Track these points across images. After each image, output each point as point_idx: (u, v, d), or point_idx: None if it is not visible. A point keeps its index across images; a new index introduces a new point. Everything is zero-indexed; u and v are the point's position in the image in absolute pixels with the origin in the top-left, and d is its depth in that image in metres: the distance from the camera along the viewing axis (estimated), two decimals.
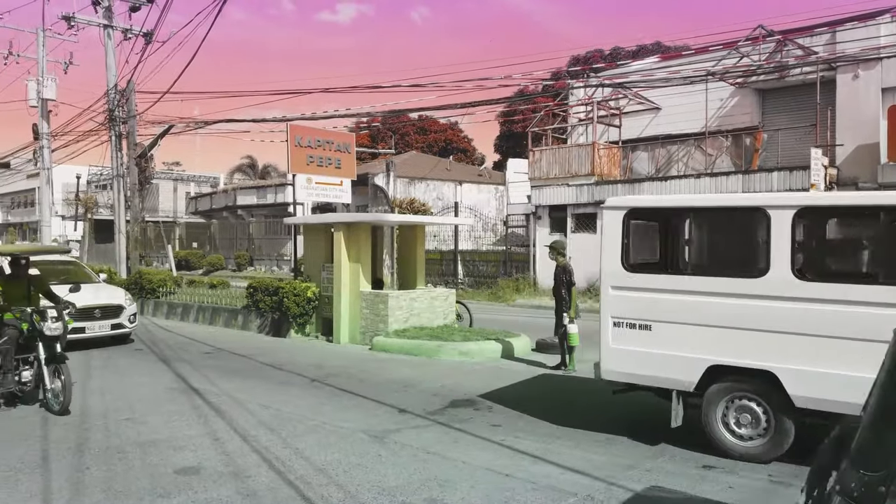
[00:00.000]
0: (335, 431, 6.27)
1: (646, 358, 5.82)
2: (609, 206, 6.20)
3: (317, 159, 13.85)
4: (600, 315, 6.10)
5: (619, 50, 40.08)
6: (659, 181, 18.17)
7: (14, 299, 7.56)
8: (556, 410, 7.03)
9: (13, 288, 7.73)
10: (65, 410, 6.84)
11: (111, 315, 11.62)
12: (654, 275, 6.04)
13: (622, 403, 7.35)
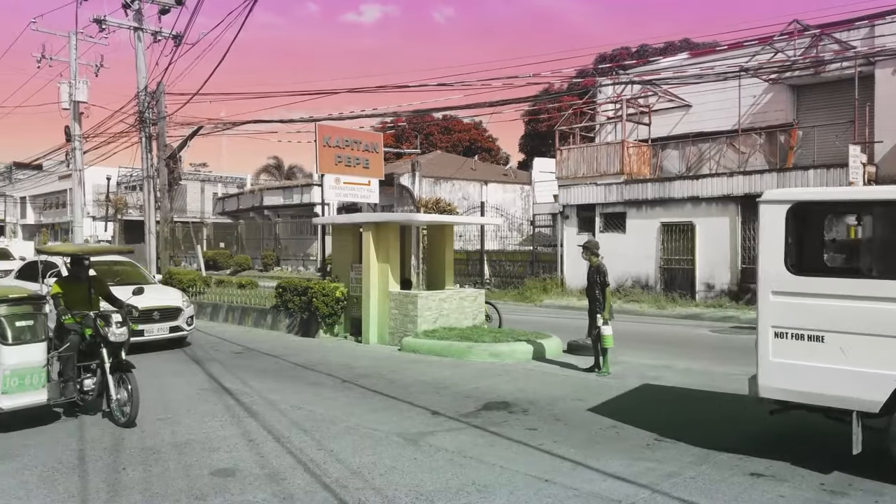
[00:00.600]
0: (369, 434, 6.19)
1: (817, 374, 5.07)
2: (769, 199, 5.39)
3: (345, 159, 13.83)
4: (758, 324, 5.36)
5: (646, 47, 39.57)
6: (691, 180, 17.85)
7: (74, 303, 7.14)
8: (591, 414, 6.87)
9: (73, 290, 7.27)
10: (131, 423, 6.44)
11: (169, 317, 11.26)
12: (828, 278, 5.28)
13: (661, 408, 7.17)
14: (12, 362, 6.21)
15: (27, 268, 13.31)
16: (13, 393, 6.20)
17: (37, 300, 6.63)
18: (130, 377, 6.57)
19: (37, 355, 6.37)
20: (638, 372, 9.11)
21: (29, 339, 6.33)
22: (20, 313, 6.37)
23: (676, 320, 15.63)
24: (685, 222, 17.88)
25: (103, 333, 6.61)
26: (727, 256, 17.25)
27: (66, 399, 6.66)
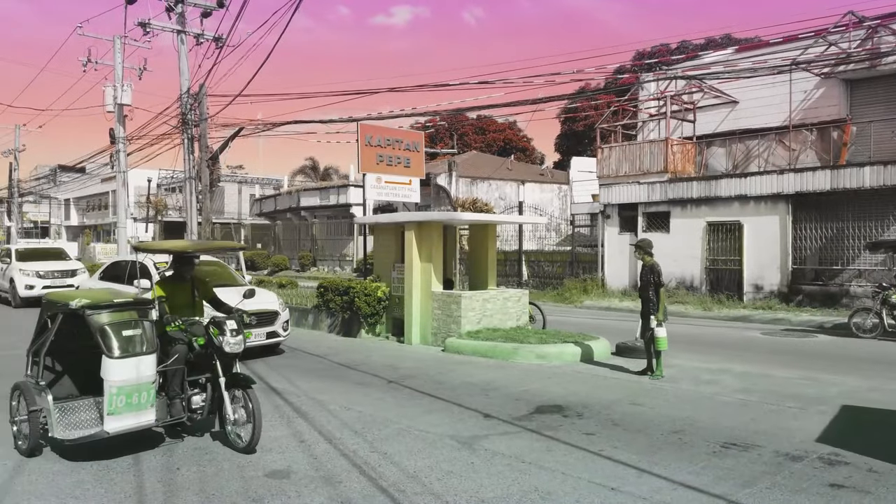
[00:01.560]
0: (422, 436, 6.04)
1: None
2: None
3: (386, 158, 13.75)
4: None
5: (687, 43, 38.80)
6: (738, 178, 17.32)
7: (176, 307, 6.20)
8: (650, 419, 6.61)
9: (176, 293, 6.32)
10: (252, 448, 5.54)
11: (266, 322, 10.24)
12: None
13: (723, 413, 6.86)
14: (120, 378, 5.27)
15: (113, 268, 12.70)
16: (119, 413, 5.31)
17: (143, 305, 5.75)
18: (251, 395, 5.64)
19: (147, 370, 5.42)
20: (692, 375, 8.79)
21: (138, 351, 5.38)
22: (126, 321, 5.49)
23: (724, 322, 15.17)
24: (732, 221, 17.37)
25: (217, 343, 5.72)
26: (777, 257, 16.70)
27: (174, 419, 5.79)
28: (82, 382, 6.10)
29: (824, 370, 9.21)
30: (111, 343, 5.30)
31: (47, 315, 5.84)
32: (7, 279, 18.93)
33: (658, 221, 18.93)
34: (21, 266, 18.66)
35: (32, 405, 5.46)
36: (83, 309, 5.37)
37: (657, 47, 41.55)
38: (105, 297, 5.73)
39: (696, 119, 19.74)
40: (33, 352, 5.91)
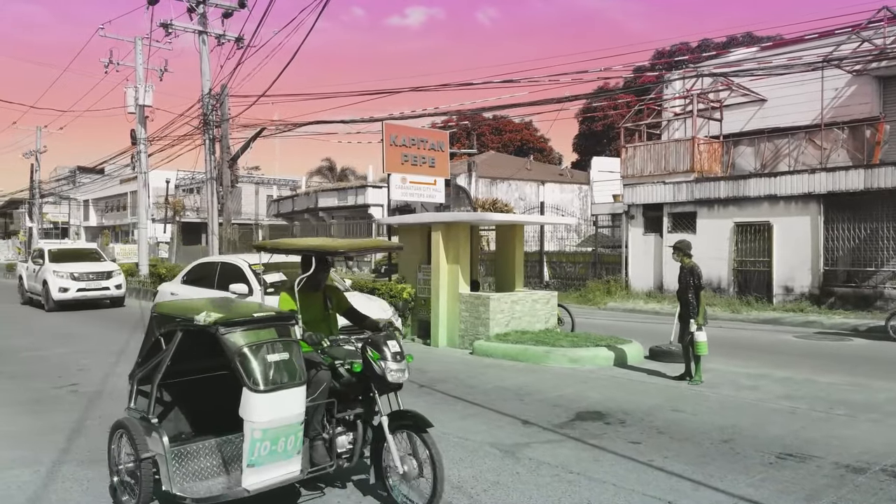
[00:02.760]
0: (461, 443, 5.85)
1: None
2: None
3: (411, 158, 13.60)
4: None
5: (707, 42, 38.32)
6: (768, 177, 16.96)
7: (308, 323, 4.91)
8: (696, 427, 6.37)
9: (308, 305, 4.97)
10: None
11: None
12: None
13: (773, 422, 6.59)
14: (266, 418, 3.92)
15: (199, 270, 11.10)
16: (262, 465, 4.01)
17: (285, 321, 4.34)
18: (426, 439, 4.27)
19: (296, 405, 4.07)
20: (732, 381, 8.53)
21: (285, 382, 4.03)
22: (270, 342, 4.14)
23: (754, 325, 14.84)
24: (761, 222, 17.01)
25: (379, 370, 4.34)
26: (808, 258, 16.32)
27: (317, 469, 4.38)
28: (192, 416, 4.82)
29: (868, 375, 8.91)
30: (254, 371, 3.96)
31: (161, 331, 4.52)
32: (40, 281, 18.19)
33: (684, 222, 18.60)
34: (55, 267, 17.88)
35: (144, 450, 4.17)
36: (216, 326, 4.03)
37: (677, 46, 41.10)
38: (242, 311, 4.42)
39: (722, 118, 19.38)
40: (140, 378, 4.62)
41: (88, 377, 8.97)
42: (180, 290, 10.46)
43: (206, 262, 11.27)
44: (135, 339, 12.64)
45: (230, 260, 10.16)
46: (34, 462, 5.46)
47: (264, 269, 8.63)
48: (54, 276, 17.60)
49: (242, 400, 3.95)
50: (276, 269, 9.37)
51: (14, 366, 9.95)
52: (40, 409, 7.28)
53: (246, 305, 4.91)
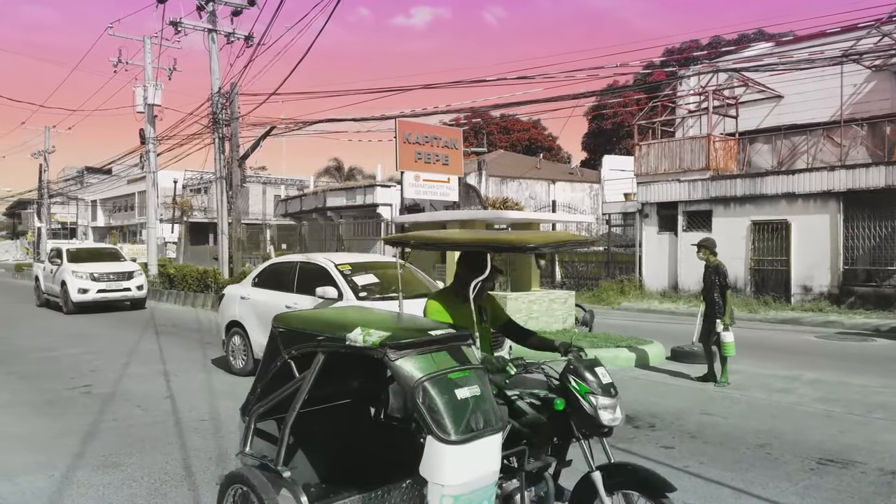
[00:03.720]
0: None
1: None
2: None
3: (424, 156, 13.41)
4: None
5: (718, 39, 37.99)
6: (785, 175, 16.70)
7: None
8: (728, 431, 6.15)
9: (459, 317, 3.78)
10: None
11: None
12: None
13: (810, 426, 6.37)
14: (460, 479, 2.83)
15: (273, 271, 9.38)
16: None
17: (460, 341, 3.27)
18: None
19: (492, 460, 2.98)
20: (761, 382, 8.30)
21: (482, 429, 2.93)
22: (451, 370, 3.06)
23: (773, 325, 14.58)
24: (779, 220, 16.74)
25: (590, 409, 3.21)
26: (827, 257, 16.04)
27: None
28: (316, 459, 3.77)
29: None
30: (442, 414, 2.86)
31: (290, 353, 3.43)
32: (58, 282, 17.31)
33: (699, 220, 18.34)
34: (73, 268, 17.00)
35: None
36: (384, 349, 2.96)
37: (687, 43, 40.74)
38: (408, 326, 3.39)
39: (738, 115, 19.11)
40: (262, 412, 3.53)
41: (101, 378, 8.81)
42: (253, 294, 9.03)
43: (280, 262, 9.86)
44: (145, 339, 12.52)
45: (312, 260, 8.83)
46: (48, 467, 5.29)
47: (351, 269, 8.28)
48: (73, 277, 16.75)
49: (425, 453, 2.84)
50: (364, 270, 8.41)
51: (25, 366, 9.81)
52: (53, 411, 7.13)
53: (404, 318, 3.76)
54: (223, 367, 9.54)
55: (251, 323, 8.77)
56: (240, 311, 9.08)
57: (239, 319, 9.00)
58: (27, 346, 11.86)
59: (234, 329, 9.15)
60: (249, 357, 8.73)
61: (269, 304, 8.27)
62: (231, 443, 5.85)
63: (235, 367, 9.02)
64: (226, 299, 9.78)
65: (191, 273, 19.60)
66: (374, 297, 7.93)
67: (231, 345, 9.21)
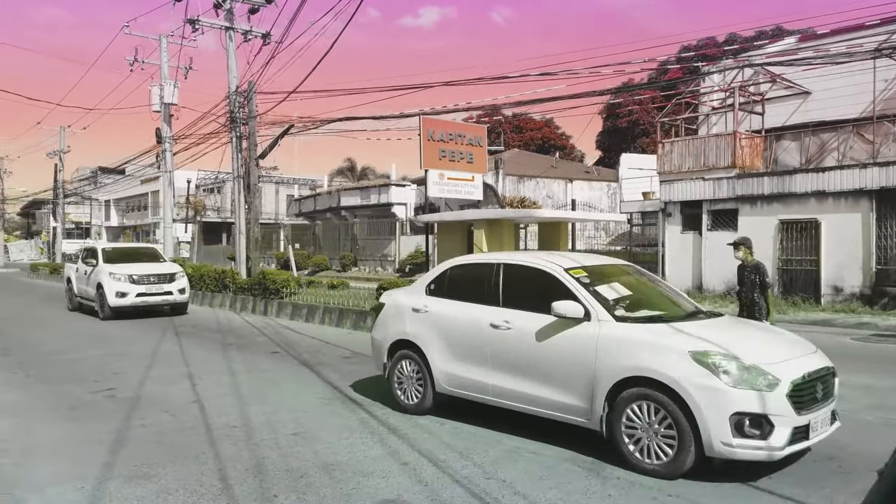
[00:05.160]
0: (535, 458, 5.36)
1: None
2: None
3: (448, 154, 13.12)
4: None
5: (734, 36, 37.48)
6: (815, 172, 16.29)
7: None
8: None
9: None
10: None
11: None
12: None
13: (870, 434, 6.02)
14: None
15: (463, 276, 6.86)
16: None
17: None
18: None
19: None
20: None
21: None
22: None
23: (803, 326, 14.15)
24: (808, 219, 16.34)
25: None
26: (858, 256, 15.63)
27: None
28: None
29: None
30: None
31: None
32: (93, 284, 16.00)
33: (724, 219, 17.96)
34: (110, 269, 15.66)
35: None
36: None
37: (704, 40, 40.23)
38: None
39: (764, 111, 18.70)
40: None
41: (124, 381, 8.60)
42: (433, 306, 6.75)
43: (468, 262, 7.19)
44: (165, 340, 12.31)
45: (526, 261, 6.32)
46: (77, 477, 5.05)
47: (588, 276, 5.85)
48: (110, 279, 15.40)
49: None
50: (602, 277, 6.06)
51: (45, 369, 9.63)
52: (78, 417, 6.91)
53: None
54: (247, 369, 9.30)
55: (432, 345, 6.57)
56: (412, 327, 6.83)
57: (412, 339, 6.80)
58: (46, 348, 11.69)
59: (402, 351, 6.95)
60: (427, 390, 6.65)
61: (461, 321, 6.38)
62: (266, 451, 5.61)
63: (403, 401, 6.87)
64: (388, 311, 7.34)
65: (208, 273, 19.41)
66: (635, 317, 5.58)
67: (398, 372, 6.98)
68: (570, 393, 5.42)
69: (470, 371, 6.24)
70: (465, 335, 6.33)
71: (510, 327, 5.91)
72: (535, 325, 5.72)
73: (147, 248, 19.33)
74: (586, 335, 5.36)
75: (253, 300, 16.89)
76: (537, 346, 5.67)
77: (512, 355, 5.89)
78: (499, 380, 6.00)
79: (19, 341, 12.40)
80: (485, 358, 6.10)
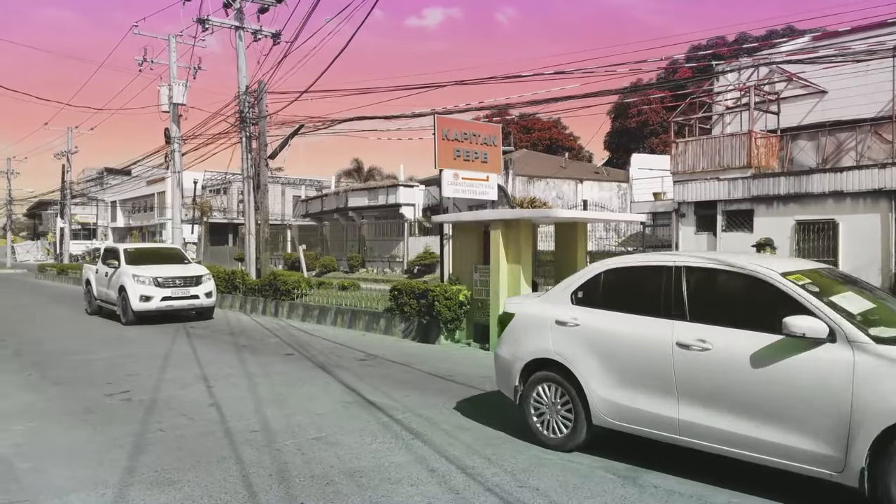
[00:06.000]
0: (569, 466, 5.21)
1: None
2: None
3: (463, 153, 12.98)
4: None
5: (745, 36, 37.23)
6: (833, 173, 16.10)
7: None
8: None
9: None
10: None
11: None
12: None
13: None
14: None
15: (618, 279, 5.60)
16: None
17: None
18: None
19: None
20: None
21: None
22: None
23: None
24: (825, 220, 16.14)
25: None
26: (877, 258, 15.43)
27: None
28: None
29: None
30: None
31: None
32: (115, 287, 15.16)
33: (739, 220, 17.77)
34: (134, 271, 14.83)
35: None
36: None
37: (714, 40, 40.01)
38: None
39: (780, 111, 18.50)
40: None
41: (139, 384, 8.48)
42: (585, 318, 5.54)
43: (632, 265, 5.71)
44: (178, 342, 12.20)
45: (724, 264, 5.03)
46: (98, 483, 4.93)
47: (816, 285, 4.70)
48: (134, 282, 14.58)
49: None
50: (829, 287, 4.86)
51: (58, 370, 9.51)
52: (94, 420, 6.78)
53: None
54: (263, 371, 9.18)
55: (587, 366, 5.38)
56: (557, 344, 5.62)
57: (557, 358, 5.58)
58: (58, 349, 11.59)
59: (541, 373, 5.75)
60: (579, 422, 5.44)
61: (630, 338, 5.17)
62: (288, 457, 5.47)
63: (543, 433, 5.69)
64: (520, 323, 6.06)
65: (218, 274, 19.29)
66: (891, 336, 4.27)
67: (535, 399, 5.77)
68: (808, 436, 4.22)
69: (645, 401, 5.01)
70: (638, 355, 5.10)
71: (708, 347, 4.70)
72: (746, 345, 4.53)
73: (171, 248, 18.46)
74: (834, 361, 4.17)
75: (263, 301, 16.77)
76: (754, 373, 4.45)
77: (714, 384, 4.66)
78: (693, 415, 4.75)
79: (31, 342, 12.30)
80: (669, 386, 4.88)
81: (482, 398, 7.64)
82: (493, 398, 7.58)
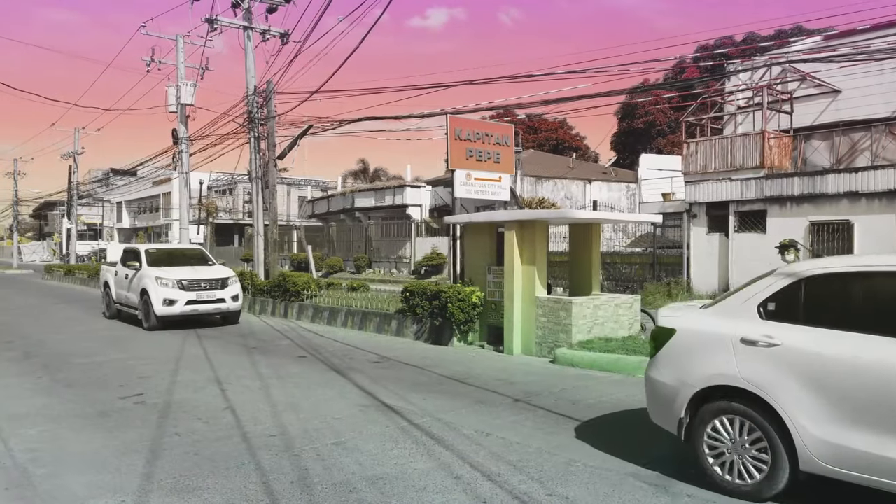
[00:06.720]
0: (598, 474, 5.07)
1: None
2: None
3: (476, 153, 12.86)
4: None
5: (754, 35, 37.03)
6: (848, 173, 15.92)
7: None
8: None
9: None
10: None
11: None
12: None
13: None
14: None
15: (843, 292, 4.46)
16: None
17: None
18: None
19: None
20: None
21: None
22: None
23: None
24: (840, 221, 15.97)
25: None
26: None
27: None
28: None
29: None
30: None
31: None
32: (136, 290, 14.43)
33: (752, 221, 17.60)
34: (156, 273, 14.11)
35: None
36: None
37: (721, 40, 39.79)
38: None
39: (793, 110, 18.33)
40: None
41: (151, 386, 8.38)
42: (786, 337, 4.43)
43: (847, 270, 4.54)
44: (188, 343, 12.10)
45: None
46: (116, 489, 4.81)
47: None
48: (157, 285, 13.84)
49: None
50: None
51: (68, 373, 9.42)
52: (108, 424, 6.67)
53: None
54: (276, 374, 9.07)
55: (793, 398, 4.28)
56: (746, 369, 4.51)
57: (745, 386, 4.50)
58: (68, 351, 11.51)
59: (720, 403, 4.68)
60: (779, 467, 4.36)
61: (863, 365, 4.06)
62: (308, 462, 5.35)
63: (725, 479, 4.62)
64: (684, 341, 5.01)
65: None
66: None
67: (711, 435, 4.72)
68: None
69: (891, 447, 3.92)
70: (878, 388, 3.96)
71: None
72: None
73: (194, 249, 17.50)
74: None
75: (273, 302, 16.67)
76: None
77: None
78: None
79: (40, 344, 12.22)
80: None
81: (501, 402, 7.51)
82: (509, 401, 7.45)
